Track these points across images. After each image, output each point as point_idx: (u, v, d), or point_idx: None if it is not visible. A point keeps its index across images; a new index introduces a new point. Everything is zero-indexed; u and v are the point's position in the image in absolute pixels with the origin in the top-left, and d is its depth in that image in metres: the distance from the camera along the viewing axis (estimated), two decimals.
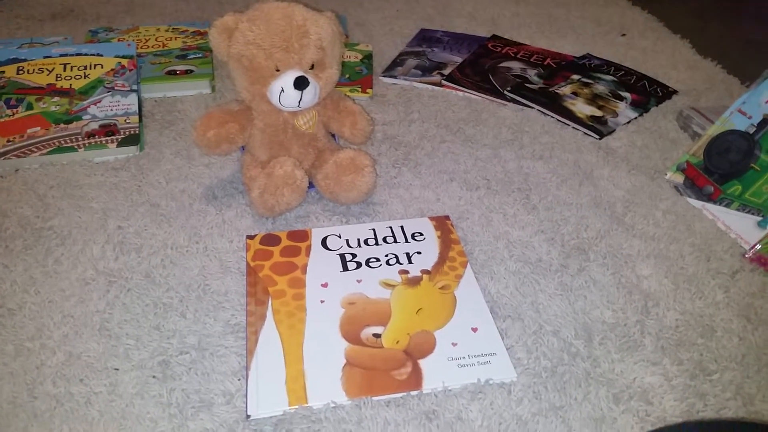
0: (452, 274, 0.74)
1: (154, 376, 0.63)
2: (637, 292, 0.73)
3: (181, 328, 0.68)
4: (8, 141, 0.91)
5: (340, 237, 0.79)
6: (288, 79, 0.76)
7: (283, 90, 0.77)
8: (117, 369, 0.64)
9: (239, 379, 0.63)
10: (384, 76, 1.14)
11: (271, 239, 0.78)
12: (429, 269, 0.75)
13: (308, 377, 0.62)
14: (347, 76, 1.10)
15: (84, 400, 0.61)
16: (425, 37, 1.27)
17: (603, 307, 0.71)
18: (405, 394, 0.61)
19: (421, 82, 1.13)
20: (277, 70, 0.77)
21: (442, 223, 0.81)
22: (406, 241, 0.79)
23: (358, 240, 0.79)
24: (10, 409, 0.60)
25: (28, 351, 0.65)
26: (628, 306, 0.71)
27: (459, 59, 1.19)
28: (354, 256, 0.76)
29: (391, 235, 0.79)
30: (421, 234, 0.79)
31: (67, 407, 0.60)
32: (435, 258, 0.76)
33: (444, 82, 1.12)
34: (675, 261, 0.77)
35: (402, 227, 0.81)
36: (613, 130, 1.00)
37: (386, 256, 0.76)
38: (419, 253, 0.77)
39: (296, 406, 0.60)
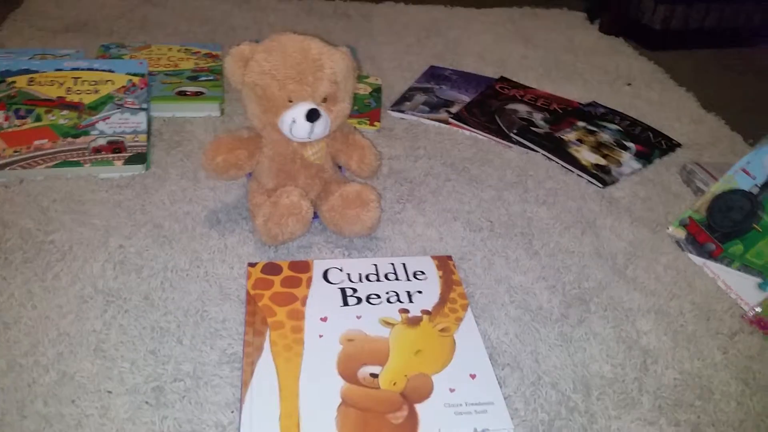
0: (452, 317, 0.74)
1: (147, 402, 0.62)
2: (636, 348, 0.73)
3: (177, 354, 0.67)
4: (15, 151, 0.91)
5: (341, 270, 0.79)
6: (300, 110, 0.77)
7: (294, 121, 0.77)
8: (110, 392, 0.63)
9: (232, 412, 0.62)
10: (392, 110, 1.15)
11: (272, 268, 0.78)
12: (429, 310, 0.74)
13: (303, 415, 0.61)
14: (356, 108, 1.11)
15: (75, 423, 0.60)
16: (434, 74, 1.29)
17: (602, 361, 0.70)
18: None
19: (428, 119, 1.13)
20: (290, 101, 0.77)
21: (444, 263, 0.81)
22: (408, 279, 0.78)
23: (360, 275, 0.78)
24: None
25: (20, 367, 0.64)
26: (627, 361, 0.71)
27: (466, 98, 1.20)
28: (355, 291, 0.76)
29: (393, 272, 0.79)
30: (423, 273, 0.79)
31: (57, 428, 0.59)
32: (436, 298, 0.76)
33: (451, 120, 1.13)
34: (675, 318, 0.77)
35: (404, 264, 0.80)
36: (617, 180, 1.01)
37: (387, 293, 0.76)
38: (420, 292, 0.77)
39: None
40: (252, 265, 0.78)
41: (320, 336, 0.70)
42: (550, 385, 0.67)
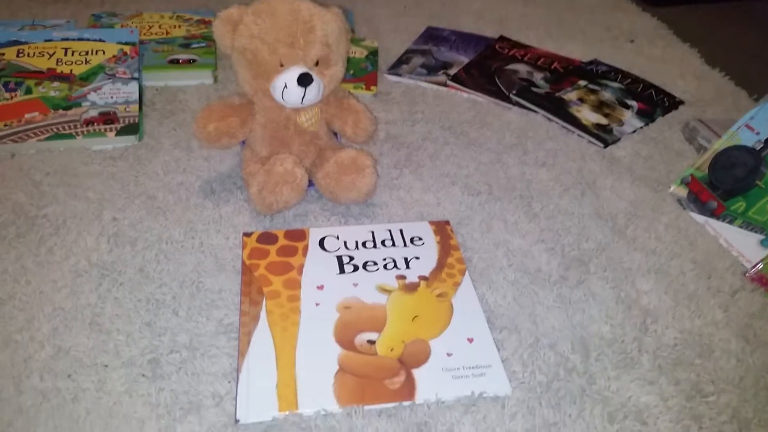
0: (450, 282, 0.73)
1: (143, 375, 0.62)
2: (636, 308, 0.72)
3: (172, 325, 0.67)
4: (5, 125, 0.90)
5: (338, 238, 0.78)
6: (292, 75, 0.75)
7: (286, 86, 0.75)
8: (106, 365, 0.63)
9: (229, 382, 0.62)
10: (389, 74, 1.13)
11: (268, 237, 0.77)
12: (427, 275, 0.73)
13: (300, 383, 0.61)
14: (352, 72, 1.09)
15: (71, 397, 0.60)
16: (432, 36, 1.26)
17: (601, 322, 0.70)
18: (397, 404, 0.60)
19: (426, 82, 1.11)
20: (281, 66, 0.75)
21: (441, 228, 0.80)
22: (405, 245, 0.78)
23: (356, 242, 0.78)
24: None
25: (15, 343, 0.64)
26: (626, 322, 0.70)
27: (465, 59, 1.18)
28: (351, 258, 0.75)
29: (389, 238, 0.78)
30: (420, 239, 0.78)
31: (54, 403, 0.59)
32: (433, 264, 0.75)
33: (449, 82, 1.11)
34: (675, 277, 0.76)
35: (401, 231, 0.80)
36: (618, 139, 0.99)
37: (384, 260, 0.75)
38: (417, 258, 0.76)
39: (286, 412, 0.59)
40: (247, 234, 0.77)
41: (317, 304, 0.69)
42: (548, 347, 0.67)
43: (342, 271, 0.74)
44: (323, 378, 0.62)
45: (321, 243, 0.77)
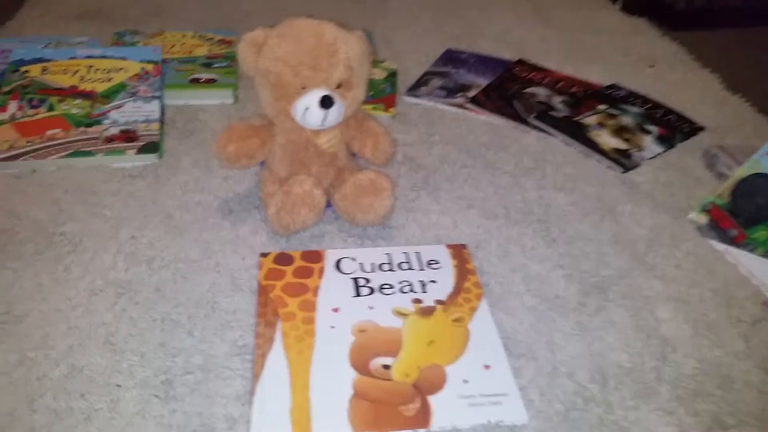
0: (467, 306, 0.72)
1: (156, 396, 0.62)
2: (655, 337, 0.71)
3: (187, 346, 0.67)
4: (27, 141, 0.91)
5: (354, 260, 0.78)
6: (314, 97, 0.75)
7: (308, 108, 0.76)
8: (119, 386, 0.62)
9: (243, 404, 0.61)
10: (408, 96, 1.13)
11: (284, 258, 0.77)
12: (443, 300, 0.73)
13: (314, 407, 0.60)
14: (371, 93, 1.09)
15: (84, 417, 0.59)
16: (451, 58, 1.26)
17: (620, 351, 0.69)
18: None
19: (444, 104, 1.11)
20: (303, 88, 0.76)
21: (458, 252, 0.80)
22: (422, 268, 0.77)
23: (373, 264, 0.77)
24: (8, 421, 0.59)
25: (30, 361, 0.64)
26: (645, 350, 0.69)
27: (484, 82, 1.18)
28: (367, 281, 0.75)
29: (406, 261, 0.78)
30: (437, 262, 0.78)
31: (66, 423, 0.59)
32: (450, 288, 0.74)
33: (468, 104, 1.11)
34: (695, 306, 0.75)
35: (418, 254, 0.79)
36: (638, 165, 0.98)
37: (400, 283, 0.75)
38: (434, 282, 0.75)
39: None
40: (264, 255, 0.77)
41: (332, 327, 0.69)
42: (566, 376, 0.66)
43: (358, 293, 0.73)
44: (338, 403, 0.61)
45: (337, 265, 0.77)
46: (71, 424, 0.59)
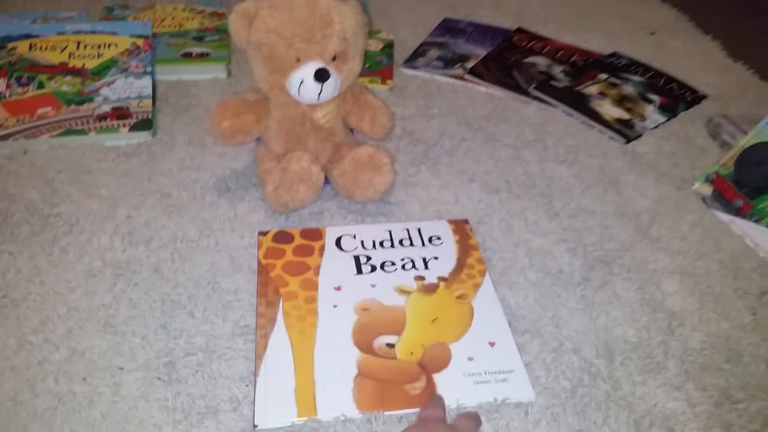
0: (470, 283, 0.71)
1: (159, 378, 0.61)
2: (661, 310, 0.70)
3: (188, 327, 0.66)
4: (18, 120, 0.89)
5: (354, 237, 0.76)
6: (308, 70, 0.73)
7: (302, 82, 0.74)
8: (121, 368, 0.62)
9: (247, 385, 0.61)
10: (405, 67, 1.11)
11: (283, 237, 0.76)
12: (446, 276, 0.72)
13: (318, 387, 0.60)
14: (367, 65, 1.07)
15: (86, 401, 0.59)
16: (448, 28, 1.24)
17: (626, 325, 0.68)
18: (418, 410, 0.59)
19: (442, 75, 1.09)
20: (298, 61, 0.74)
21: (460, 227, 0.78)
22: (423, 244, 0.76)
23: (374, 242, 0.76)
24: (10, 406, 0.58)
25: (30, 345, 0.63)
26: (651, 325, 0.68)
27: (482, 52, 1.15)
28: (369, 258, 0.74)
29: (407, 237, 0.77)
30: (439, 238, 0.77)
31: (69, 407, 0.58)
32: (452, 264, 0.74)
33: (467, 76, 1.08)
34: (701, 278, 0.74)
35: (419, 230, 0.78)
36: (640, 135, 0.97)
37: (402, 260, 0.74)
38: (436, 258, 0.74)
39: (305, 418, 0.58)
40: (263, 233, 0.76)
41: (334, 306, 0.68)
42: (572, 351, 0.65)
43: (359, 271, 0.72)
44: (342, 382, 0.60)
45: (338, 242, 0.76)
46: (74, 407, 0.58)
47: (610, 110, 1.00)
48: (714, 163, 0.88)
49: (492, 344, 0.65)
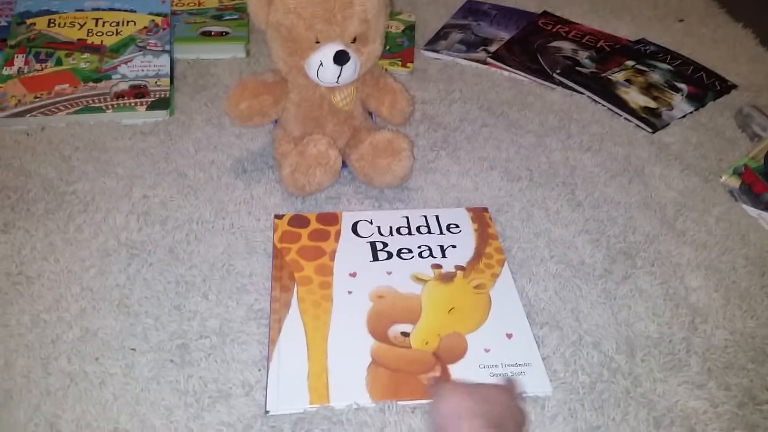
0: (488, 272, 0.70)
1: (171, 360, 0.61)
2: (684, 306, 0.68)
3: (202, 309, 0.65)
4: (35, 97, 0.88)
5: (371, 223, 0.75)
6: (328, 52, 0.72)
7: (321, 64, 0.72)
8: (134, 349, 0.61)
9: (260, 370, 0.60)
10: (426, 50, 1.09)
11: (299, 221, 0.75)
12: (464, 265, 0.71)
13: (331, 374, 0.59)
14: (388, 47, 1.05)
15: (98, 381, 0.58)
16: (471, 9, 1.21)
17: (648, 320, 0.66)
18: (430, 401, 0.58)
19: (464, 59, 1.07)
20: (317, 42, 0.72)
21: (479, 216, 0.77)
22: (441, 232, 0.75)
23: (390, 228, 0.75)
24: (23, 383, 0.58)
25: (44, 323, 0.63)
26: (674, 320, 0.67)
27: (506, 36, 1.13)
28: (385, 245, 0.73)
29: (425, 224, 0.75)
30: (457, 226, 0.75)
31: (81, 387, 0.58)
32: (471, 253, 0.72)
33: (489, 59, 1.06)
34: (727, 274, 0.72)
35: (437, 217, 0.77)
36: (668, 124, 0.94)
37: (419, 247, 0.72)
38: (454, 246, 0.73)
39: (317, 405, 0.57)
40: (279, 217, 0.75)
41: (349, 292, 0.67)
42: (591, 345, 0.64)
43: (375, 258, 0.71)
44: (356, 370, 0.60)
45: (354, 228, 0.74)
46: (86, 387, 0.58)
47: (636, 98, 0.98)
48: (743, 156, 0.86)
49: (509, 336, 0.63)
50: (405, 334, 0.63)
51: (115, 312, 0.64)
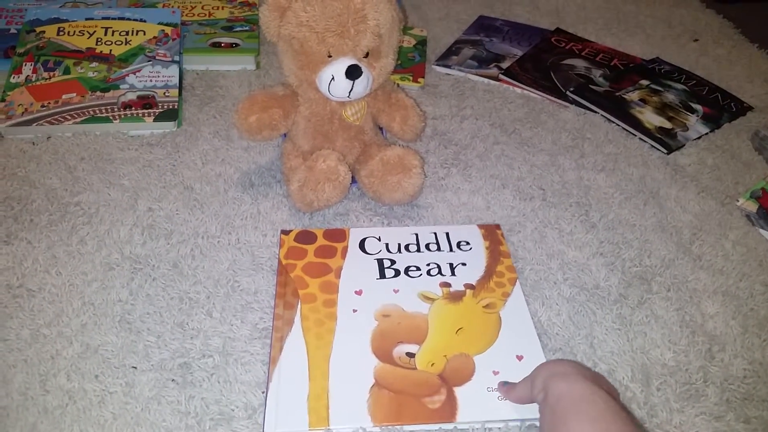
0: (499, 292, 0.68)
1: (173, 380, 0.59)
2: (701, 333, 0.66)
3: (206, 327, 0.64)
4: (42, 106, 0.87)
5: (379, 240, 0.74)
6: (340, 66, 0.70)
7: (333, 78, 0.71)
8: (135, 367, 0.60)
9: (262, 392, 0.58)
10: (437, 65, 1.08)
11: (306, 236, 0.73)
12: (473, 284, 0.69)
13: (332, 396, 0.57)
14: (399, 62, 1.04)
15: (98, 399, 0.57)
16: (484, 25, 1.20)
17: (664, 347, 0.64)
18: (437, 426, 0.56)
19: (476, 75, 1.06)
20: (329, 57, 0.71)
21: (491, 233, 0.75)
22: (451, 249, 0.73)
23: (399, 245, 0.73)
24: (21, 401, 0.57)
25: (44, 338, 0.62)
26: (690, 348, 0.65)
27: (519, 52, 1.12)
28: (393, 262, 0.71)
29: (434, 242, 0.74)
30: (468, 243, 0.74)
31: (80, 405, 0.56)
32: (481, 271, 0.70)
33: (501, 76, 1.05)
34: (744, 301, 0.70)
35: (447, 234, 0.75)
36: (683, 145, 0.92)
37: (428, 265, 0.71)
38: (464, 264, 0.71)
39: (317, 429, 0.55)
40: (285, 232, 0.73)
41: (354, 311, 0.65)
42: (606, 373, 0.62)
43: (382, 275, 0.69)
44: (358, 392, 0.58)
45: (361, 245, 0.73)
46: (85, 406, 0.56)
47: (651, 118, 0.96)
48: (760, 179, 0.84)
49: (520, 358, 0.61)
50: (410, 355, 0.61)
51: (116, 328, 0.63)
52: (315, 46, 0.70)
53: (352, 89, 0.72)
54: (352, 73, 0.70)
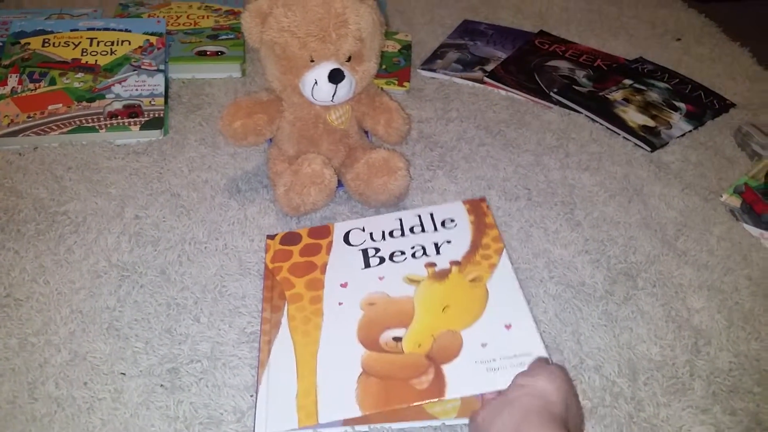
0: (485, 263, 0.66)
1: (161, 385, 0.59)
2: (687, 328, 0.67)
3: (193, 333, 0.64)
4: (28, 117, 0.87)
5: (363, 230, 0.72)
6: (322, 71, 0.71)
7: (316, 82, 0.72)
8: (123, 374, 0.60)
9: (251, 396, 0.58)
10: (422, 69, 1.08)
11: (291, 238, 0.73)
12: (459, 260, 0.67)
13: (320, 391, 0.57)
14: (384, 67, 1.04)
15: (86, 406, 0.57)
16: (468, 29, 1.21)
17: (650, 342, 0.65)
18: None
19: (461, 78, 1.06)
20: (312, 61, 0.72)
21: (476, 207, 0.73)
22: (435, 229, 0.71)
23: (383, 232, 0.72)
24: (9, 409, 0.57)
25: (32, 346, 0.62)
26: (677, 343, 0.65)
27: (503, 55, 1.13)
28: (377, 250, 0.70)
29: (419, 224, 0.72)
30: (453, 220, 0.72)
31: (68, 412, 0.56)
32: (467, 247, 0.68)
33: (486, 78, 1.06)
34: (729, 294, 0.71)
35: (431, 215, 0.73)
36: (666, 143, 0.93)
37: (412, 248, 0.69)
38: (449, 242, 0.69)
39: (306, 426, 0.55)
40: (271, 237, 0.73)
41: (340, 304, 0.64)
42: (593, 369, 0.62)
43: (367, 265, 0.68)
44: (346, 383, 0.57)
45: (345, 237, 0.72)
46: (73, 413, 0.56)
47: (634, 117, 0.97)
48: (743, 174, 0.85)
49: (508, 327, 0.59)
50: (397, 339, 0.60)
51: (104, 335, 0.63)
52: (297, 51, 0.71)
53: (335, 93, 0.72)
54: (335, 77, 0.71)
